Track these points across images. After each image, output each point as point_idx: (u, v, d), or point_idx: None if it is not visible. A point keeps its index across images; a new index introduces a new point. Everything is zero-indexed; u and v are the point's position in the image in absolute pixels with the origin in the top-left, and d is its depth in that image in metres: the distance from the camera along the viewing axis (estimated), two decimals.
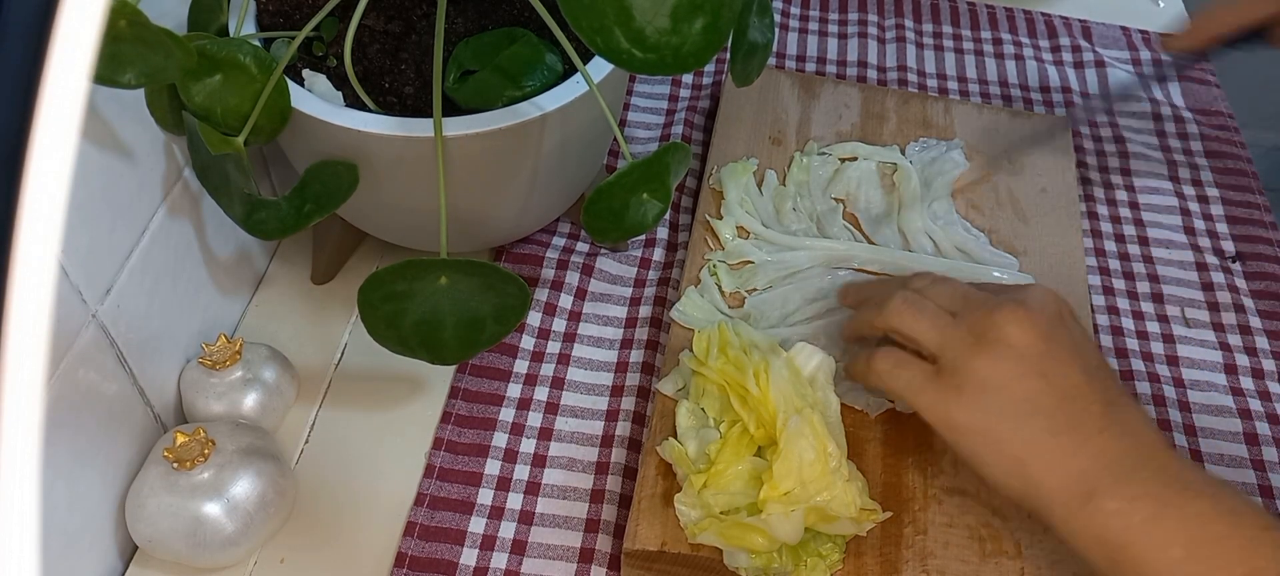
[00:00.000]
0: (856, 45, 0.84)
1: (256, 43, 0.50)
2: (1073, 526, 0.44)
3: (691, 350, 0.54)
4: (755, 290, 0.62)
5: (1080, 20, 0.87)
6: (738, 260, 0.63)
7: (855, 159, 0.69)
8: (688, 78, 0.79)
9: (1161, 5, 0.91)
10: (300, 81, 0.52)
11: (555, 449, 0.58)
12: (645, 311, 0.64)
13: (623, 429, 0.58)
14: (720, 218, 0.65)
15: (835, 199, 0.67)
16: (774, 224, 0.66)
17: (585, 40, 0.38)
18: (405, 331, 0.46)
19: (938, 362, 0.48)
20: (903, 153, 0.70)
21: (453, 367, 0.60)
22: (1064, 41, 0.85)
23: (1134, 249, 0.70)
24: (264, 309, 0.64)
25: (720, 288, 0.62)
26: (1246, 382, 0.63)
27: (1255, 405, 0.62)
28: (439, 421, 0.58)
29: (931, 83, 0.81)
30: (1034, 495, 0.45)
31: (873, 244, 0.65)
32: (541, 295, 0.64)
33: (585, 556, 0.54)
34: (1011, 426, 0.46)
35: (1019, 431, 0.45)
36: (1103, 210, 0.72)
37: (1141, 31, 0.87)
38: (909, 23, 0.86)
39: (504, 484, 0.56)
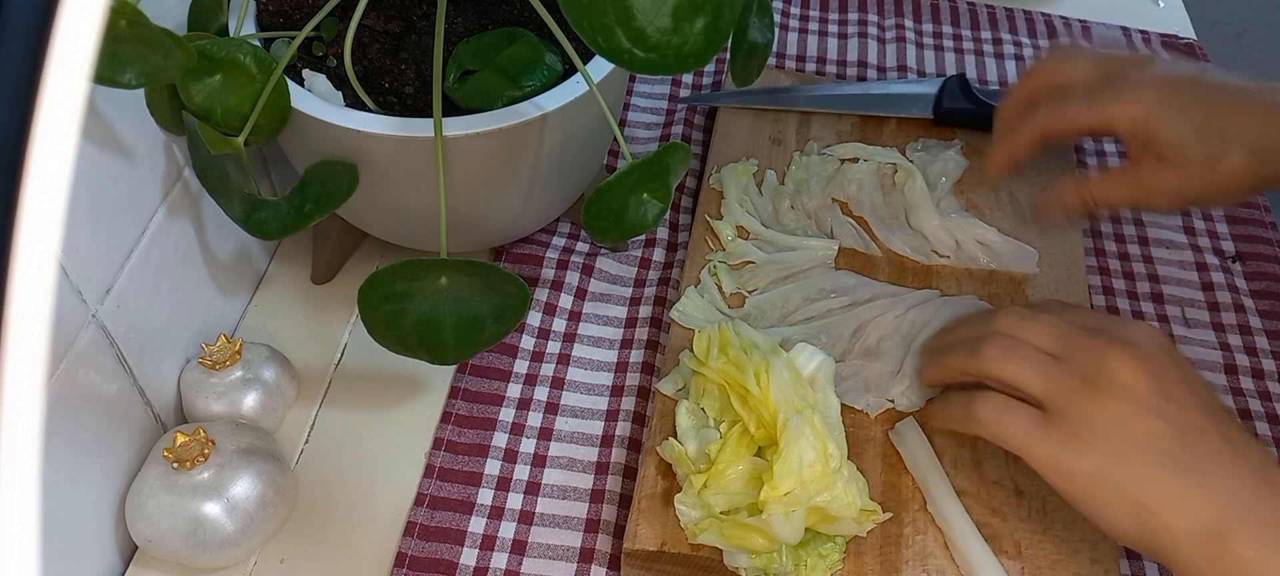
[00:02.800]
0: (856, 45, 0.84)
1: (256, 43, 0.50)
2: (1200, 568, 0.42)
3: (691, 350, 0.54)
4: (756, 290, 0.62)
5: (1080, 20, 0.87)
6: (738, 260, 0.63)
7: (856, 159, 0.69)
8: (688, 78, 0.79)
9: (1162, 5, 0.91)
10: (300, 81, 0.52)
11: (555, 449, 0.58)
12: (645, 311, 0.64)
13: (623, 429, 0.58)
14: (720, 218, 0.65)
15: (834, 199, 0.67)
16: (773, 224, 0.66)
17: (586, 40, 0.38)
18: (405, 331, 0.46)
19: (1045, 408, 0.47)
20: (903, 153, 0.70)
21: (453, 367, 0.60)
22: (1064, 41, 0.85)
23: (1134, 249, 0.70)
24: (264, 309, 0.64)
25: (720, 288, 0.62)
26: (1246, 382, 0.63)
27: (1255, 405, 0.62)
28: (439, 421, 0.58)
29: None
30: (1157, 540, 0.43)
31: (883, 245, 0.65)
32: (541, 295, 0.64)
33: (585, 556, 0.54)
34: (1131, 469, 0.44)
35: (1140, 474, 0.44)
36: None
37: (1141, 31, 0.87)
38: (909, 23, 0.86)
39: (504, 484, 0.56)
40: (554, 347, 0.62)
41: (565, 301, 0.64)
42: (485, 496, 0.55)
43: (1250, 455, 0.44)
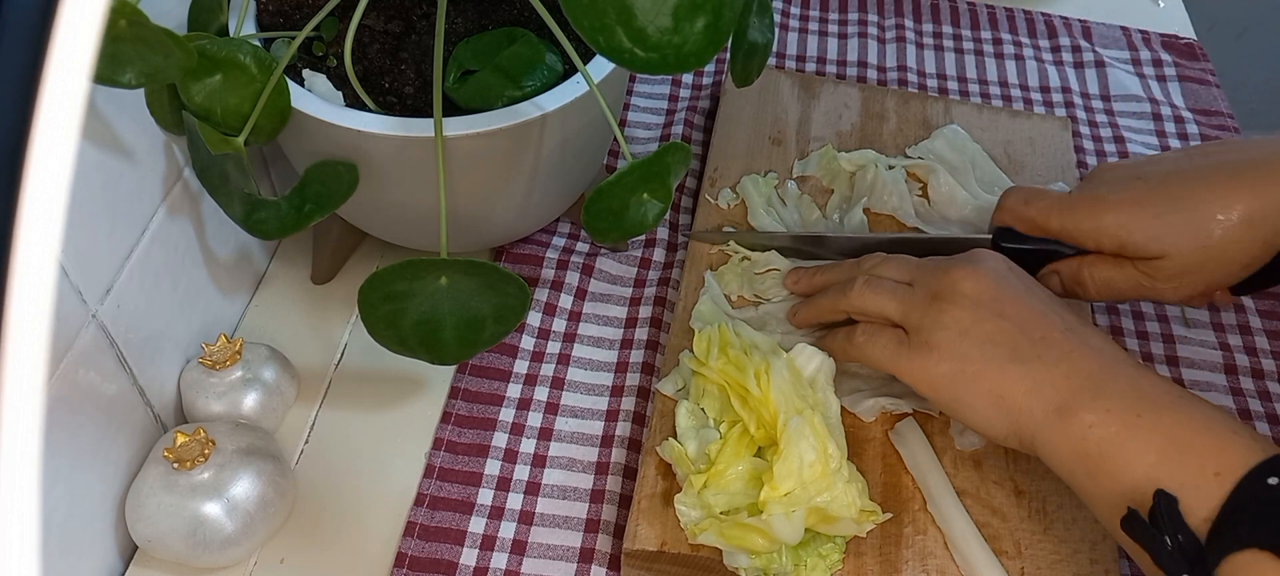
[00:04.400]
0: (856, 45, 0.84)
1: (256, 43, 0.50)
2: (1053, 443, 0.47)
3: (691, 350, 0.54)
4: (777, 299, 0.62)
5: (1080, 20, 0.87)
6: (764, 268, 0.63)
7: (861, 165, 0.69)
8: (688, 78, 0.79)
9: (1162, 5, 0.91)
10: (300, 81, 0.52)
11: (555, 449, 0.58)
12: (645, 311, 0.64)
13: (623, 429, 0.58)
14: (747, 226, 0.65)
15: (866, 211, 0.67)
16: (802, 232, 0.65)
17: (586, 39, 0.38)
18: (405, 331, 0.46)
19: (906, 329, 0.52)
20: (905, 153, 0.70)
21: (453, 367, 0.60)
22: (1064, 41, 0.85)
23: None
24: (264, 309, 0.64)
25: (725, 293, 0.62)
26: (1246, 383, 0.63)
27: (1255, 405, 0.62)
28: (439, 421, 0.58)
29: (931, 83, 0.81)
30: (1016, 422, 0.48)
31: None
32: (541, 295, 0.64)
33: (585, 556, 0.54)
34: (982, 364, 0.49)
35: (990, 367, 0.49)
36: None
37: (1141, 31, 0.86)
38: (909, 23, 0.86)
39: (504, 484, 0.56)
40: (554, 348, 0.62)
41: (565, 301, 0.64)
42: (485, 496, 0.55)
43: (1089, 339, 0.49)
